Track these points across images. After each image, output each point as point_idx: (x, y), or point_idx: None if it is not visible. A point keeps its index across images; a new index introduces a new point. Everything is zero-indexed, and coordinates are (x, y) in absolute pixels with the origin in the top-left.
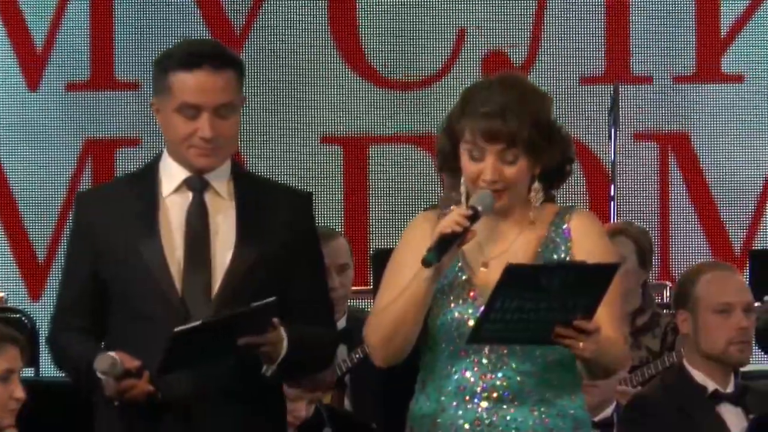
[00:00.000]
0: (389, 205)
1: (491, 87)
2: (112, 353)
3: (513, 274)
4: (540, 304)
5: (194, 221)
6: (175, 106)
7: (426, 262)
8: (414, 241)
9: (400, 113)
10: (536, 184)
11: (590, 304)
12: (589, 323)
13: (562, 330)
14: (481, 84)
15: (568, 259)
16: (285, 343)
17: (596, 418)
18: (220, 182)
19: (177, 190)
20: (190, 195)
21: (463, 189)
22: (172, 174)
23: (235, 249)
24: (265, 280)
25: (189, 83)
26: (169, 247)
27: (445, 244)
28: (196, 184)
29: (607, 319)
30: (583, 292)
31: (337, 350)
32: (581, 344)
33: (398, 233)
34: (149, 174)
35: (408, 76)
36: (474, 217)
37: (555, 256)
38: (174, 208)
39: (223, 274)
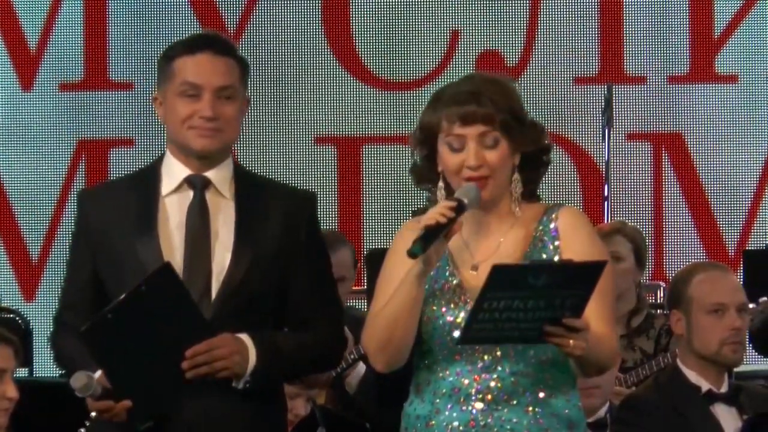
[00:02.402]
0: (383, 205)
1: (459, 82)
2: (90, 373)
3: (500, 274)
4: (528, 303)
5: (195, 220)
6: (177, 89)
7: (411, 254)
8: (402, 250)
9: (393, 114)
10: (516, 175)
11: (578, 302)
12: (578, 321)
13: (551, 328)
14: (447, 84)
15: (557, 257)
16: (252, 354)
17: (590, 419)
18: (222, 182)
19: (177, 188)
20: (190, 194)
21: (439, 195)
22: (173, 173)
23: (234, 251)
24: (264, 282)
25: (190, 64)
26: (168, 248)
27: (431, 236)
28: (198, 182)
29: (597, 314)
30: (571, 290)
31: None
32: (571, 342)
33: (392, 234)
34: (150, 174)
35: (402, 77)
36: (459, 209)
37: (543, 255)
38: (173, 207)
39: (222, 277)
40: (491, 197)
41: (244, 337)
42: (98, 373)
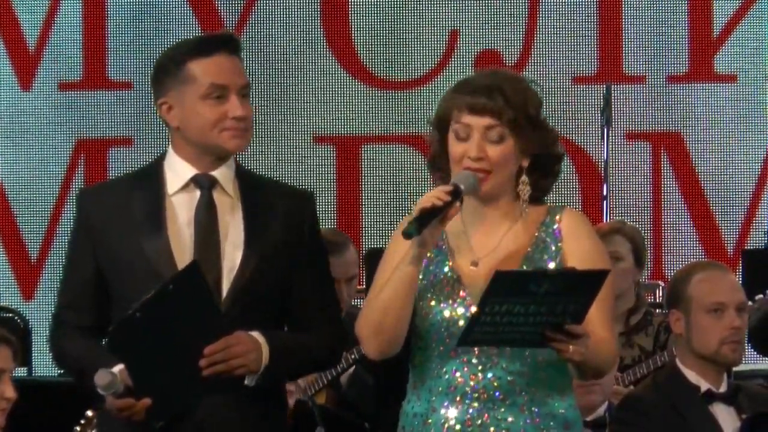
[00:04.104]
0: (382, 204)
1: (480, 74)
2: (113, 370)
3: (502, 280)
4: (529, 308)
5: (204, 219)
6: (202, 93)
7: (406, 234)
8: (402, 242)
9: (392, 113)
10: (524, 177)
11: (579, 309)
12: (579, 327)
13: (551, 334)
14: (471, 75)
15: (558, 259)
16: (265, 351)
17: (589, 418)
18: (227, 180)
19: (184, 188)
20: (197, 193)
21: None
22: (178, 172)
23: (244, 249)
24: (271, 280)
25: (213, 66)
26: (178, 246)
27: (426, 218)
28: (205, 182)
29: (598, 318)
30: (573, 297)
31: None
32: (571, 348)
33: (391, 233)
34: (153, 172)
35: (400, 76)
36: (455, 194)
37: (545, 256)
38: (181, 206)
39: (233, 275)
40: (489, 192)
41: (256, 334)
42: (115, 369)
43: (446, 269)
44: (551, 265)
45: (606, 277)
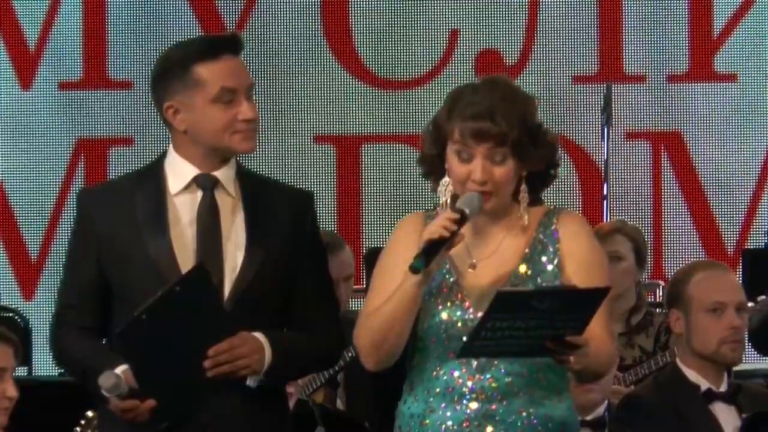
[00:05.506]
0: (382, 204)
1: (477, 89)
2: (117, 371)
3: (504, 300)
4: (530, 322)
5: (206, 220)
6: (212, 96)
7: (413, 269)
8: (400, 245)
9: (393, 112)
10: (523, 186)
11: (579, 324)
12: (579, 338)
13: (551, 344)
14: (466, 86)
15: (557, 260)
16: (268, 352)
17: (588, 417)
18: (228, 180)
19: (186, 188)
20: (199, 193)
21: (441, 189)
22: (179, 172)
23: (246, 250)
24: (272, 280)
25: (221, 69)
26: (180, 246)
27: (433, 249)
28: (207, 182)
29: (596, 320)
30: (573, 313)
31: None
32: (571, 358)
33: (391, 232)
34: (155, 172)
35: (401, 76)
36: (461, 221)
37: (544, 258)
38: (183, 206)
39: (235, 275)
40: (493, 210)
41: (259, 335)
42: (118, 370)
43: (444, 272)
44: (549, 267)
45: (607, 294)
